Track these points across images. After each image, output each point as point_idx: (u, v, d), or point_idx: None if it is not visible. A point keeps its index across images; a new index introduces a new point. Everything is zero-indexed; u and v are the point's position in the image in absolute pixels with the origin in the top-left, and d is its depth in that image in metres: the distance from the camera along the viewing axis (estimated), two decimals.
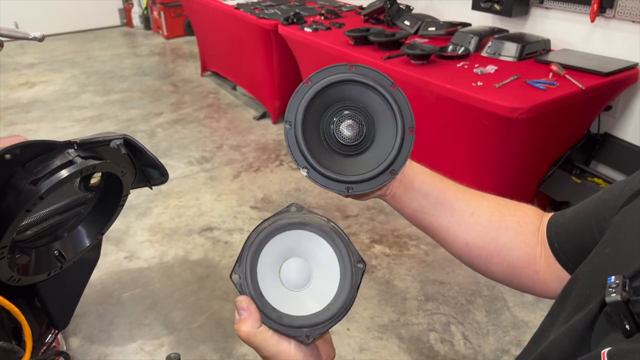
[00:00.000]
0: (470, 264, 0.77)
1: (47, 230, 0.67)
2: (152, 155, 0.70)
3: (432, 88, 2.24)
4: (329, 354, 0.63)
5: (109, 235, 2.69)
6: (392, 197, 0.73)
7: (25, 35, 0.99)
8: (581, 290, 0.58)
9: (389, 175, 0.65)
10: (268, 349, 0.57)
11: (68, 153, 0.60)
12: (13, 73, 5.37)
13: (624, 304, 0.45)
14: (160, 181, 0.75)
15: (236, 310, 0.57)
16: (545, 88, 2.07)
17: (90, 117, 4.19)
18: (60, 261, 0.67)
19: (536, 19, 2.66)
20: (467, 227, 0.73)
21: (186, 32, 6.46)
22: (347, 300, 0.56)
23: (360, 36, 2.75)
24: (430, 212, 0.73)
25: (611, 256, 0.56)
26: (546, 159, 2.34)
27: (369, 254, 2.49)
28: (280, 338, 0.57)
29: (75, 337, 2.07)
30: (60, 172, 0.57)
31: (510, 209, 0.76)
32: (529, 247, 0.73)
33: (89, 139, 0.62)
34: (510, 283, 0.77)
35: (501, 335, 2.01)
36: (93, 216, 0.70)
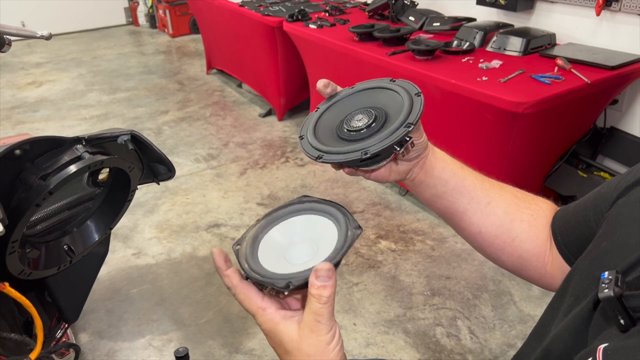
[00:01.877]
0: (481, 250, 0.79)
1: (56, 225, 0.69)
2: (159, 150, 0.71)
3: (437, 83, 2.24)
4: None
5: (117, 232, 2.72)
6: (412, 181, 0.76)
7: (32, 33, 1.00)
8: (578, 284, 0.59)
9: (404, 129, 0.63)
10: (252, 304, 0.57)
11: (76, 149, 0.61)
12: (20, 72, 5.41)
13: (617, 300, 0.45)
14: (168, 176, 0.76)
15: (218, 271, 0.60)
16: (551, 82, 2.07)
17: (97, 115, 4.22)
18: (70, 256, 0.68)
19: (541, 13, 2.65)
20: (482, 216, 0.75)
21: (192, 30, 6.47)
22: (334, 253, 0.55)
23: (364, 32, 2.75)
24: (448, 198, 0.75)
25: (607, 250, 0.56)
26: (552, 154, 2.33)
27: (375, 249, 2.50)
28: (271, 299, 0.57)
29: (85, 332, 2.09)
30: (69, 167, 0.58)
31: (526, 202, 0.77)
32: (540, 240, 0.74)
33: (96, 135, 0.64)
34: (518, 273, 0.79)
35: (507, 329, 2.01)
36: (101, 211, 0.71)
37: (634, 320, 0.45)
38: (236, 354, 1.96)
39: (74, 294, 0.73)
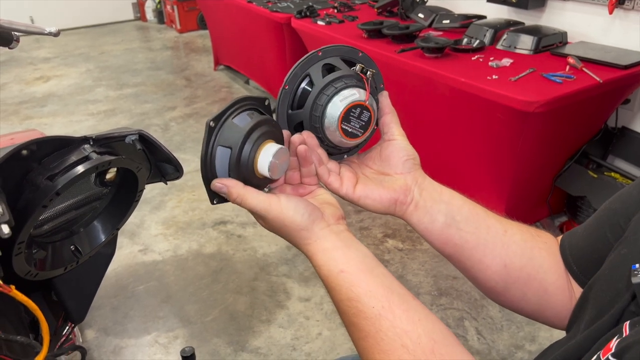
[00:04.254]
0: (504, 293, 0.70)
1: (63, 225, 0.68)
2: (167, 150, 0.70)
3: (446, 81, 2.22)
4: (333, 214, 0.64)
5: (124, 229, 2.71)
6: (416, 206, 0.68)
7: (41, 30, 0.99)
8: (599, 295, 0.57)
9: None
10: (261, 205, 0.61)
11: (84, 149, 0.60)
12: (29, 67, 5.43)
13: None
14: (175, 176, 0.75)
15: (218, 192, 0.62)
16: (562, 81, 2.04)
17: (105, 110, 4.22)
18: (77, 256, 0.67)
19: (553, 11, 2.62)
20: (503, 246, 0.68)
21: (199, 26, 6.46)
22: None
23: (373, 29, 2.73)
24: (465, 227, 0.68)
25: (627, 256, 0.54)
26: (562, 153, 2.31)
27: (382, 248, 2.49)
28: (270, 194, 0.62)
29: (91, 329, 2.09)
30: (76, 167, 0.57)
31: (535, 230, 0.72)
32: (561, 269, 0.68)
33: (104, 135, 0.63)
34: (542, 314, 0.71)
35: (515, 330, 1.99)
36: (108, 211, 0.70)
37: None
38: (242, 352, 1.96)
39: (80, 294, 0.72)
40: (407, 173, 0.69)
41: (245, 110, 0.64)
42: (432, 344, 0.54)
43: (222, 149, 0.62)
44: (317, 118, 0.66)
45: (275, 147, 0.62)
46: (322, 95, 0.66)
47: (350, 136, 0.67)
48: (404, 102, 2.60)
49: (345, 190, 0.68)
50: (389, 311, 0.55)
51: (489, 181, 2.29)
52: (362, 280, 0.58)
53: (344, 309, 0.58)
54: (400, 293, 0.58)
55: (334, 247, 0.61)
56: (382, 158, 0.71)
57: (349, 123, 0.66)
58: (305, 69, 0.68)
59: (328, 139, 0.67)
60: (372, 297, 0.56)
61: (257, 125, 0.62)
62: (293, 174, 0.68)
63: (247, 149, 0.61)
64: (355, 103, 0.65)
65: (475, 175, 2.35)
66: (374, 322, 0.55)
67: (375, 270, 0.60)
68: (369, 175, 0.71)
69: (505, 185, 2.25)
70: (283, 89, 0.68)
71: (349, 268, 0.59)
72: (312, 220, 0.62)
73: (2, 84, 4.97)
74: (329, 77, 0.66)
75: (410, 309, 0.56)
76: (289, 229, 0.62)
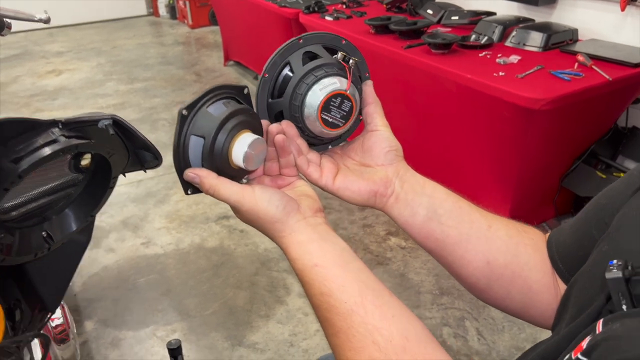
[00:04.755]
0: (488, 290, 0.68)
1: (36, 211, 0.67)
2: (143, 137, 0.69)
3: (452, 78, 2.19)
4: (311, 206, 0.62)
5: (128, 222, 2.73)
6: (397, 199, 0.66)
7: (30, 17, 0.98)
8: (580, 293, 0.55)
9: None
10: (234, 196, 0.59)
11: (52, 132, 0.59)
12: (41, 61, 5.48)
13: (625, 281, 0.42)
14: (155, 164, 0.74)
15: (191, 182, 0.61)
16: (570, 79, 2.00)
17: (114, 104, 4.24)
18: (48, 243, 0.66)
19: (564, 8, 2.57)
20: (486, 241, 0.65)
21: (211, 22, 6.47)
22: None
23: (380, 25, 2.70)
24: (447, 222, 0.65)
25: (609, 253, 0.52)
26: (570, 153, 2.26)
27: (384, 246, 2.46)
28: (244, 186, 0.60)
29: (90, 320, 2.10)
30: (40, 150, 0.56)
31: (522, 225, 0.69)
32: (547, 267, 0.66)
33: (75, 119, 0.61)
34: (527, 313, 0.68)
35: (517, 332, 1.96)
36: (83, 198, 0.69)
37: (636, 308, 0.41)
38: (239, 346, 1.95)
39: (54, 281, 0.71)
40: (389, 165, 0.67)
41: (221, 99, 0.63)
42: (404, 342, 0.52)
43: (195, 138, 0.60)
44: (296, 107, 0.64)
45: (251, 137, 0.60)
46: (301, 83, 0.64)
47: (331, 126, 0.65)
48: (409, 99, 2.57)
49: (324, 182, 0.67)
50: (362, 307, 0.53)
51: (493, 179, 2.26)
52: (336, 274, 0.56)
53: (317, 304, 0.57)
54: (375, 288, 0.56)
55: (309, 240, 0.59)
56: (364, 149, 0.69)
57: (329, 113, 0.64)
58: (285, 57, 0.66)
59: (309, 129, 0.66)
60: (345, 292, 0.55)
61: (232, 115, 0.60)
62: (271, 165, 0.67)
63: (222, 138, 0.60)
64: (336, 92, 0.63)
65: (480, 173, 2.31)
66: (346, 318, 0.53)
67: (351, 265, 0.58)
68: (351, 166, 0.69)
69: (510, 184, 2.21)
70: (262, 77, 0.66)
71: (323, 262, 0.57)
72: (286, 212, 0.60)
73: (15, 76, 5.02)
74: (309, 65, 0.64)
75: (384, 305, 0.54)
76: (263, 221, 0.60)
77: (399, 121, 2.70)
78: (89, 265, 2.40)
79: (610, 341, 0.39)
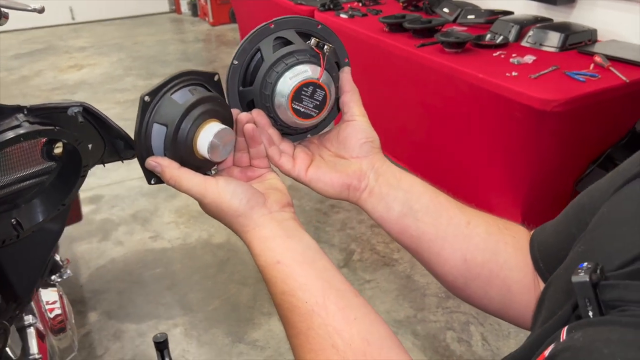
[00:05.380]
0: (465, 289, 0.65)
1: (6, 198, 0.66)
2: (115, 125, 0.68)
3: (463, 77, 2.14)
4: (278, 201, 0.60)
5: (137, 215, 2.74)
6: (370, 192, 0.63)
7: (24, 6, 0.98)
8: (553, 295, 0.52)
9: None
10: (196, 188, 0.57)
11: (16, 117, 0.58)
12: (64, 56, 5.57)
13: (592, 286, 0.38)
14: (130, 154, 0.73)
15: (153, 171, 0.59)
16: (585, 80, 1.94)
17: (132, 99, 4.28)
18: (17, 230, 0.65)
19: (583, 8, 2.50)
20: (464, 239, 0.62)
21: (231, 20, 6.48)
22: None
23: (395, 23, 2.67)
24: (423, 218, 0.62)
25: (583, 254, 0.49)
26: (584, 156, 2.19)
27: (391, 247, 2.43)
28: (207, 177, 0.58)
29: (95, 311, 2.11)
30: (1, 135, 0.55)
31: (504, 222, 0.66)
32: (528, 267, 0.62)
33: (41, 105, 0.60)
34: (505, 313, 0.65)
35: (522, 338, 1.89)
36: (54, 187, 0.68)
37: (603, 315, 0.38)
38: (239, 343, 1.94)
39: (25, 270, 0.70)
40: (364, 157, 0.65)
41: (188, 86, 0.61)
42: (364, 346, 0.50)
43: (158, 126, 0.59)
44: (267, 96, 0.62)
45: (217, 127, 0.58)
46: (271, 71, 0.61)
47: (303, 116, 0.63)
48: (421, 98, 2.53)
49: (297, 172, 0.65)
50: (323, 308, 0.51)
51: (504, 182, 2.21)
52: (299, 273, 0.54)
53: (279, 303, 0.55)
54: (339, 288, 0.53)
55: (272, 235, 0.57)
56: (339, 140, 0.66)
57: (301, 103, 0.62)
58: (255, 43, 0.63)
59: (281, 119, 0.63)
60: (307, 291, 0.52)
61: (198, 102, 0.59)
62: (241, 156, 0.65)
63: (185, 127, 0.58)
64: (307, 81, 0.61)
65: (491, 175, 2.26)
66: (306, 319, 0.51)
67: (316, 264, 0.55)
68: (326, 157, 0.67)
69: (521, 187, 2.16)
70: (232, 64, 0.63)
71: (286, 259, 0.55)
72: (250, 206, 0.57)
73: (38, 70, 5.11)
74: (279, 52, 0.62)
75: (348, 306, 0.52)
76: (225, 214, 0.58)
77: (410, 121, 2.66)
78: (97, 257, 2.43)
79: (569, 352, 0.36)
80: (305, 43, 0.63)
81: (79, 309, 2.10)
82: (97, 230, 2.63)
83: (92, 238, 2.57)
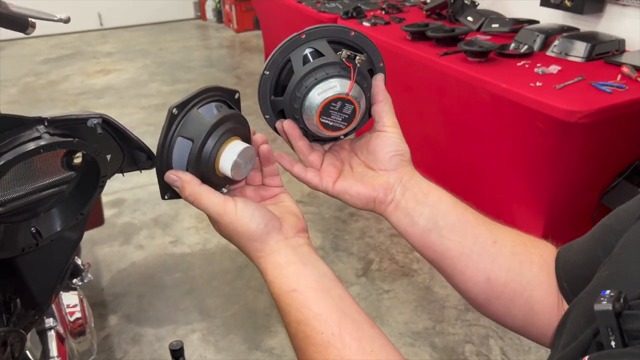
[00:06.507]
0: (487, 306, 0.64)
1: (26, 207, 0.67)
2: (135, 137, 0.68)
3: (486, 87, 2.12)
4: (294, 226, 0.60)
5: (158, 220, 2.78)
6: (396, 206, 0.63)
7: (51, 16, 1.01)
8: (575, 319, 0.50)
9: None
10: (215, 208, 0.56)
11: (37, 129, 0.59)
12: (92, 61, 5.68)
13: (615, 315, 0.38)
14: (148, 164, 0.73)
15: (172, 185, 0.59)
16: (612, 91, 1.90)
17: (156, 105, 4.35)
18: (37, 239, 0.66)
19: (612, 17, 2.45)
20: (489, 258, 0.62)
21: (255, 26, 6.55)
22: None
23: (417, 31, 2.66)
24: (449, 235, 0.62)
25: (608, 279, 0.47)
26: (610, 169, 2.15)
27: (410, 257, 2.41)
28: (227, 197, 0.57)
29: (115, 315, 2.14)
30: (22, 146, 0.56)
31: (532, 241, 0.65)
32: (552, 287, 0.61)
33: (61, 117, 0.61)
34: (527, 331, 0.64)
35: (544, 354, 1.86)
36: (73, 196, 0.69)
37: (625, 345, 0.37)
38: (256, 350, 1.94)
39: (44, 278, 0.72)
40: (392, 170, 0.64)
41: (212, 102, 0.61)
42: None
43: (183, 140, 0.58)
44: (296, 109, 0.62)
45: (241, 146, 0.58)
46: (301, 85, 0.61)
47: (332, 129, 0.62)
48: (443, 107, 2.51)
49: (324, 186, 0.65)
50: (339, 339, 0.51)
51: (527, 195, 2.17)
52: (314, 302, 0.53)
53: (293, 333, 0.54)
54: (355, 319, 0.53)
55: (287, 262, 0.56)
56: (369, 150, 0.66)
57: (330, 117, 0.61)
58: (286, 54, 0.63)
59: (310, 131, 0.64)
60: (323, 321, 0.52)
61: (224, 120, 0.59)
62: (254, 175, 0.65)
63: (211, 143, 0.57)
64: (336, 97, 0.60)
65: (513, 187, 2.23)
66: (321, 350, 0.51)
67: (332, 292, 0.55)
68: (355, 166, 0.67)
69: (544, 200, 2.12)
70: (263, 75, 0.63)
71: (301, 287, 0.54)
72: (267, 230, 0.57)
73: (66, 75, 5.22)
74: (309, 66, 0.61)
75: (364, 338, 0.51)
76: (240, 237, 0.58)
77: (431, 130, 2.64)
78: (118, 261, 2.46)
79: None
80: (336, 54, 0.61)
81: (100, 311, 2.13)
82: (119, 233, 2.67)
83: (113, 242, 2.60)
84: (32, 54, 5.89)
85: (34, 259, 0.69)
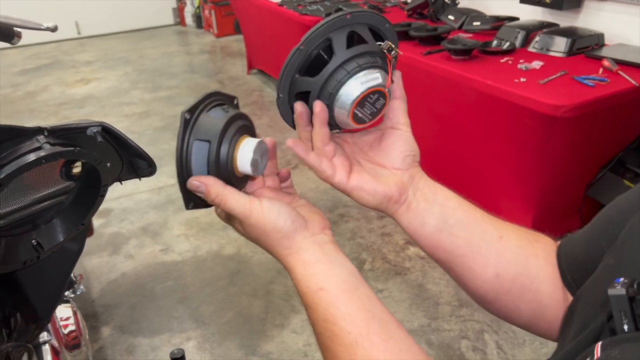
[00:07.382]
0: (496, 303, 0.64)
1: (26, 219, 0.66)
2: (135, 145, 0.68)
3: (472, 84, 2.14)
4: (318, 223, 0.59)
5: (147, 228, 2.75)
6: (408, 207, 0.62)
7: (38, 25, 0.99)
8: (584, 308, 0.51)
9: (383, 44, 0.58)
10: (241, 208, 0.56)
11: (37, 139, 0.59)
12: (71, 70, 5.61)
13: (629, 300, 0.38)
14: (149, 172, 0.73)
15: (195, 191, 0.58)
16: (594, 85, 1.93)
17: (139, 113, 4.31)
18: (38, 251, 0.65)
19: (590, 12, 2.50)
20: (497, 254, 0.62)
21: (236, 31, 6.53)
22: None
23: (400, 31, 2.67)
24: (458, 232, 0.62)
25: (614, 267, 0.48)
26: (595, 161, 2.19)
27: (402, 255, 2.42)
28: (252, 197, 0.57)
29: (107, 326, 2.11)
30: (23, 157, 0.55)
31: (534, 235, 0.65)
32: (557, 279, 0.62)
33: (61, 126, 0.61)
34: (535, 326, 0.65)
35: (538, 346, 1.89)
36: (74, 206, 0.68)
37: (638, 329, 0.38)
38: (253, 356, 1.93)
39: (46, 290, 0.70)
40: (405, 170, 0.63)
41: (217, 105, 0.61)
42: None
43: (200, 143, 0.57)
44: (329, 95, 0.57)
45: (253, 141, 0.58)
46: (341, 69, 0.56)
47: (359, 122, 0.59)
48: (429, 106, 2.53)
49: (338, 179, 0.62)
50: (367, 339, 0.51)
51: (515, 188, 2.19)
52: (342, 301, 0.53)
53: (320, 331, 0.54)
54: (382, 319, 0.53)
55: (315, 260, 0.56)
56: (381, 147, 0.64)
57: (362, 108, 0.58)
58: (328, 32, 0.57)
59: (333, 118, 0.59)
60: (350, 321, 0.52)
61: (234, 119, 0.58)
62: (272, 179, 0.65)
63: (226, 143, 0.57)
64: (376, 89, 0.57)
65: (501, 182, 2.25)
66: (349, 350, 0.51)
67: (359, 291, 0.54)
68: (363, 163, 0.65)
69: (532, 193, 2.14)
70: (298, 49, 0.57)
71: (329, 286, 0.54)
72: (294, 227, 0.57)
73: (45, 85, 5.14)
74: (353, 50, 0.56)
75: (392, 338, 0.51)
76: (268, 236, 0.57)
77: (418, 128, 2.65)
78: (108, 272, 2.43)
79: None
80: (377, 44, 0.58)
81: (92, 323, 2.10)
82: (107, 244, 2.64)
83: (102, 252, 2.57)
84: (8, 65, 5.79)
85: (35, 272, 0.68)
